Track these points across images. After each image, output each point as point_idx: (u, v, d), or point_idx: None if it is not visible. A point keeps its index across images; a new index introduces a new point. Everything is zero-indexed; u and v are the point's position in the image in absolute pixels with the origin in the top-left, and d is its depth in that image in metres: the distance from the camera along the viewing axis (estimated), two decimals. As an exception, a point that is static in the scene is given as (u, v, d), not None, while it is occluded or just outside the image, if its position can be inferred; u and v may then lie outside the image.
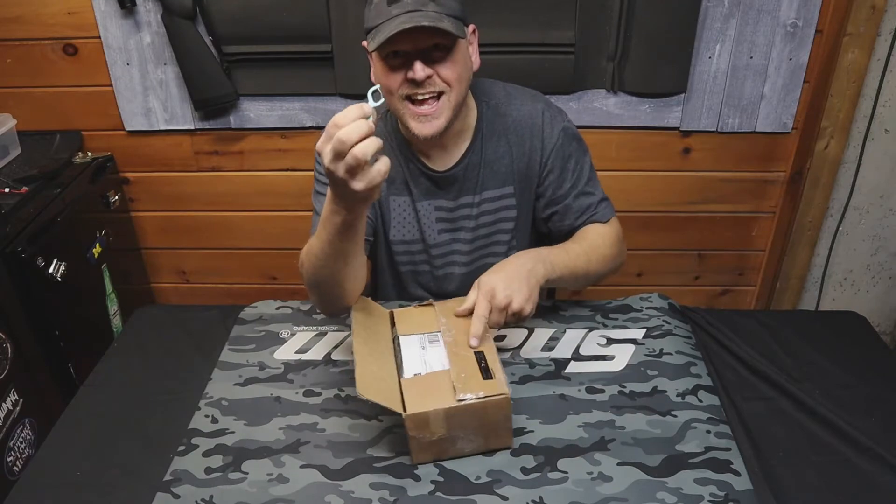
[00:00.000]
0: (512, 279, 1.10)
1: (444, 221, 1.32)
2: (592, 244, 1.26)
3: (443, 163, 1.27)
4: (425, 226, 1.32)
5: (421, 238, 1.33)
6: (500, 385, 0.99)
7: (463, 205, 1.30)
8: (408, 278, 1.38)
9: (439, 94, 1.14)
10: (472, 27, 1.16)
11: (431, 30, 1.06)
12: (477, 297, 1.09)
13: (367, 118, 0.88)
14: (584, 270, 1.23)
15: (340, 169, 0.88)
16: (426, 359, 1.06)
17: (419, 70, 1.10)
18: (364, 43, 1.15)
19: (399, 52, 1.11)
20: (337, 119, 0.87)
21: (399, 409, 0.97)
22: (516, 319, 1.10)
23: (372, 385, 0.98)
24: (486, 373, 1.01)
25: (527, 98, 1.29)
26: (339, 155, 0.86)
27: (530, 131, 1.27)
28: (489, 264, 1.34)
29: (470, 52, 1.17)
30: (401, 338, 1.11)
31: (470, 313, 1.09)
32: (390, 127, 1.28)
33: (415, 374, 1.03)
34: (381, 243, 1.36)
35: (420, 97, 1.14)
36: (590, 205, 1.30)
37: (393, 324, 1.15)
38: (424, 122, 1.15)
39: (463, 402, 0.97)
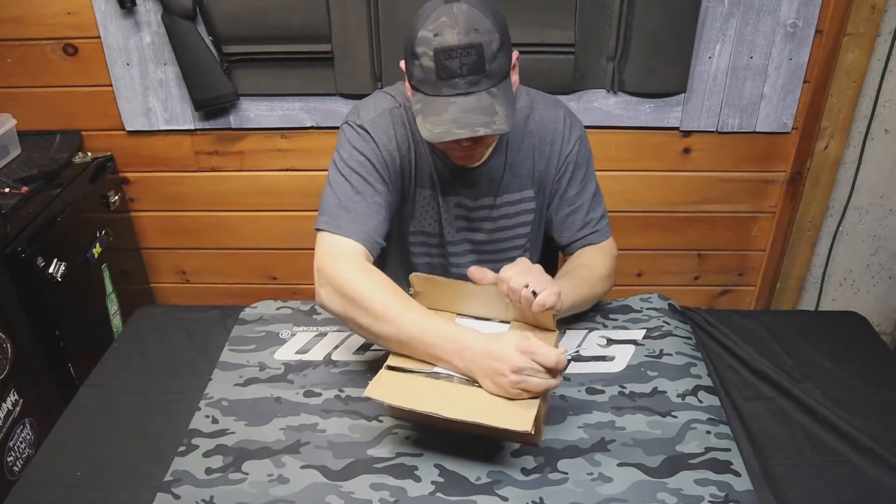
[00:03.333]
0: (532, 269, 1.10)
1: (463, 220, 1.32)
2: (592, 271, 1.27)
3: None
4: (445, 221, 1.32)
5: (440, 232, 1.33)
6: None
7: (482, 206, 1.30)
8: (422, 272, 1.38)
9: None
10: (515, 55, 1.14)
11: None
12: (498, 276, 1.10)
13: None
14: (587, 298, 1.25)
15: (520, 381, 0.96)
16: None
17: (467, 142, 1.12)
18: (402, 65, 1.14)
19: None
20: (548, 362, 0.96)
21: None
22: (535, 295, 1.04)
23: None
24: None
25: (549, 103, 1.30)
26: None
27: (552, 136, 1.28)
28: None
29: (512, 80, 1.15)
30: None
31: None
32: None
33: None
34: (396, 236, 1.34)
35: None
36: (591, 220, 1.32)
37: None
38: (465, 160, 1.21)
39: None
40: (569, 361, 1.04)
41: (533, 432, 0.95)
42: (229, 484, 1.00)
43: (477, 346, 0.99)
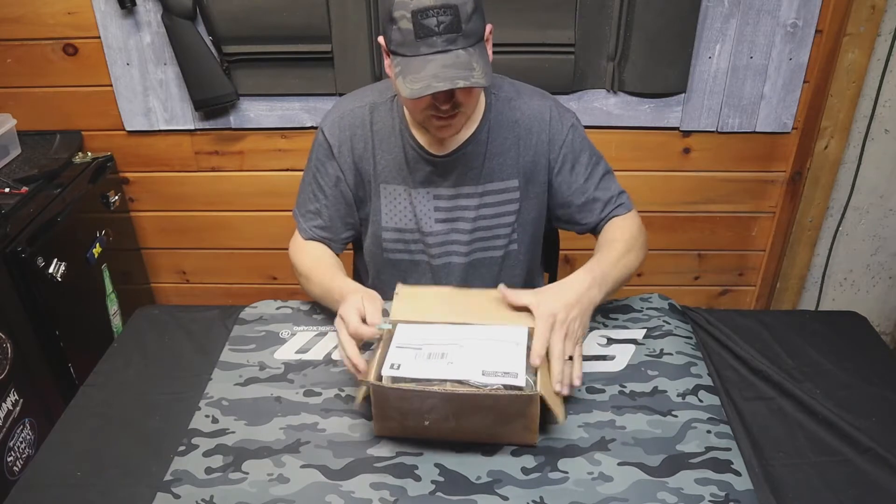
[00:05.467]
0: (572, 306, 1.08)
1: (442, 210, 1.32)
2: (629, 244, 1.27)
3: (443, 146, 1.27)
4: (421, 213, 1.32)
5: (417, 227, 1.33)
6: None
7: (463, 194, 1.30)
8: (405, 268, 1.38)
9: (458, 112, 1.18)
10: (489, 27, 1.16)
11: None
12: (536, 321, 1.06)
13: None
14: (627, 275, 1.25)
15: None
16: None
17: (445, 104, 1.14)
18: (381, 40, 1.16)
19: None
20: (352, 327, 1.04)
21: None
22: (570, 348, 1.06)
23: None
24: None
25: (536, 95, 1.31)
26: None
27: (539, 126, 1.28)
28: (488, 258, 1.36)
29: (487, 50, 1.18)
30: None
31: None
32: (396, 111, 1.28)
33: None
34: (370, 233, 1.37)
35: (442, 117, 1.17)
36: (611, 196, 1.33)
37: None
38: (444, 128, 1.20)
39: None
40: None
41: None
42: (229, 483, 1.00)
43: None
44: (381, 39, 1.16)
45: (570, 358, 1.05)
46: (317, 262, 1.32)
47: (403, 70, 1.09)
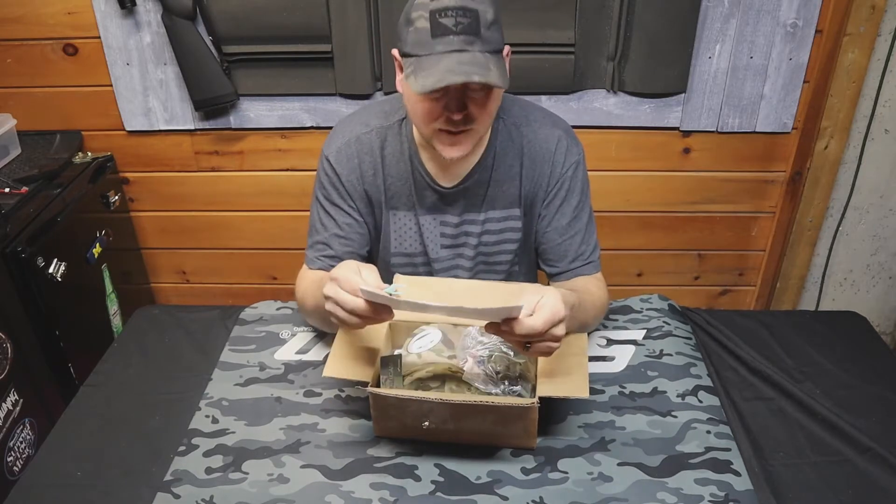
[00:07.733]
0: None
1: (448, 237, 1.29)
2: (596, 303, 1.21)
3: (451, 178, 1.24)
4: (428, 240, 1.30)
5: (424, 251, 1.31)
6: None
7: (467, 221, 1.28)
8: None
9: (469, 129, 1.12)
10: (507, 49, 1.11)
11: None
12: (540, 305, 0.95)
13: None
14: (583, 324, 1.17)
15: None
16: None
17: (457, 114, 1.07)
18: (395, 52, 1.10)
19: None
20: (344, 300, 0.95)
21: None
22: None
23: None
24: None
25: (547, 122, 1.25)
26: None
27: (542, 157, 1.23)
28: (490, 280, 1.33)
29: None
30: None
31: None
32: (404, 135, 1.24)
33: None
34: (379, 258, 1.35)
35: (452, 132, 1.11)
36: (583, 252, 1.27)
37: None
38: (452, 146, 1.13)
39: None
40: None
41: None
42: (229, 483, 1.00)
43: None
44: (394, 52, 1.11)
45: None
46: (315, 281, 1.21)
47: (416, 69, 1.03)
